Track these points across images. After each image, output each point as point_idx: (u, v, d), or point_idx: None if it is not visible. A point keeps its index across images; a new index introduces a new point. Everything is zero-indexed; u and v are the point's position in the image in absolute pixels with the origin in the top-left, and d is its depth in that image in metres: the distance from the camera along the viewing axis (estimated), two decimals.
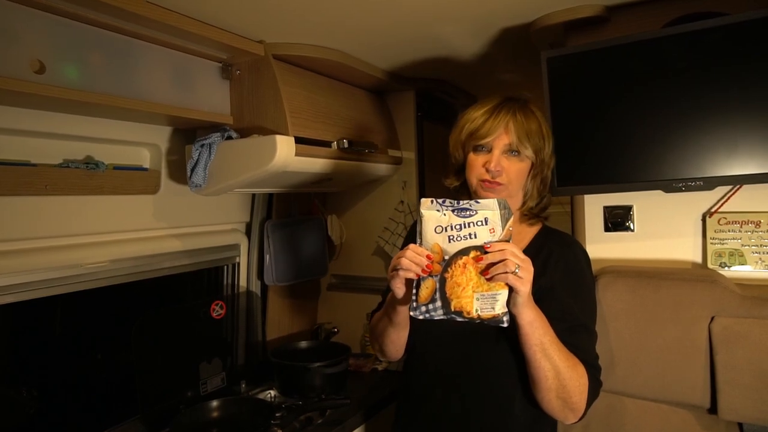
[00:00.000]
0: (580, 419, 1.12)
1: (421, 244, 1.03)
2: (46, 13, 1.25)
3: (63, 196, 1.46)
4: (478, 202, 1.03)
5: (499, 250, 0.98)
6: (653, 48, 1.32)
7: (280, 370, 1.93)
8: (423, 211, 1.03)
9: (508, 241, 1.01)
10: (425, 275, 1.00)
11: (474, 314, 1.00)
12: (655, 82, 1.33)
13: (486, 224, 1.01)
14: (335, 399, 1.78)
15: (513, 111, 1.19)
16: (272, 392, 1.96)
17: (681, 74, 1.30)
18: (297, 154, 1.59)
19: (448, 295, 1.00)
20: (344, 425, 1.69)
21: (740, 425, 1.28)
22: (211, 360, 1.88)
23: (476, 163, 1.20)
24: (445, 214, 1.02)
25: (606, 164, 1.41)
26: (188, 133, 1.76)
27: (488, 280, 0.99)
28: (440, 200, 1.04)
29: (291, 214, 2.25)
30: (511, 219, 1.02)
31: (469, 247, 1.00)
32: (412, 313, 1.03)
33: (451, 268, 1.00)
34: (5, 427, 1.55)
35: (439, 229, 1.02)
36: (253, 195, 2.12)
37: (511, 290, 1.00)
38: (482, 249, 0.99)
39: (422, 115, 2.31)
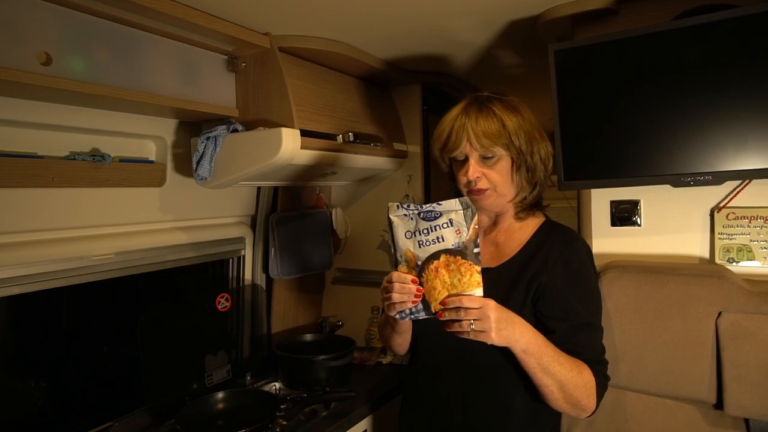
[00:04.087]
0: (593, 413, 1.14)
1: (395, 251, 1.06)
2: (53, 4, 1.25)
3: (69, 188, 1.47)
4: (440, 204, 1.05)
5: (454, 308, 1.00)
6: (662, 41, 1.31)
7: (285, 362, 1.94)
8: (392, 217, 1.06)
9: (475, 240, 1.04)
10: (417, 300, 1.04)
11: None
12: (663, 75, 1.32)
13: (451, 225, 1.04)
14: (340, 392, 1.79)
15: (471, 116, 1.19)
16: (277, 384, 1.97)
17: (690, 67, 1.29)
18: (302, 147, 1.59)
19: (426, 298, 1.04)
20: (348, 418, 1.70)
21: (746, 421, 1.28)
22: (216, 352, 1.89)
23: (459, 175, 1.23)
24: (412, 218, 1.05)
25: (613, 158, 1.40)
26: (194, 126, 1.76)
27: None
28: (405, 205, 1.06)
29: (296, 207, 2.24)
30: (476, 218, 1.05)
31: (439, 251, 1.04)
32: (397, 316, 1.06)
33: (425, 273, 1.04)
34: (14, 418, 1.57)
35: (408, 234, 1.05)
36: (259, 188, 2.12)
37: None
38: (452, 251, 1.03)
39: (428, 109, 2.30)
